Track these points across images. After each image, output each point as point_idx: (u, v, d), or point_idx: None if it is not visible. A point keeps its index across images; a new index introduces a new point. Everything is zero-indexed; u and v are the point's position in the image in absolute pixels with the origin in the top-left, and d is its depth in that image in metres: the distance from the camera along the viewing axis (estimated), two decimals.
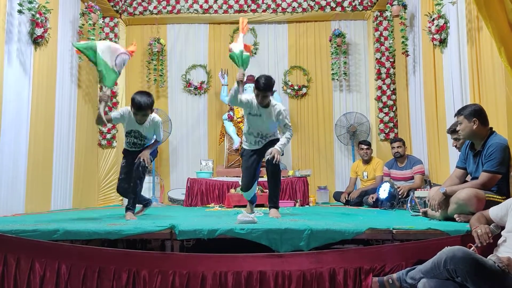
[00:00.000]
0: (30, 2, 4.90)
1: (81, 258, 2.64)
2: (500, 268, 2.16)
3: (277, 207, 4.10)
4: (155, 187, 7.03)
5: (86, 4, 6.52)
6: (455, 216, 3.20)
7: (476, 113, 3.31)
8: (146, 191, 7.04)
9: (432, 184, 5.01)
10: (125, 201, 6.98)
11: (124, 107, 4.09)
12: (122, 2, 7.43)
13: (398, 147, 5.77)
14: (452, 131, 4.08)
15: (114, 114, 4.00)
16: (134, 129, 3.96)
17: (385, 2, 6.69)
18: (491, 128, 3.39)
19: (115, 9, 7.32)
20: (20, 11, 4.83)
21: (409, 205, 4.35)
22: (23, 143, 5.03)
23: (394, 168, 5.86)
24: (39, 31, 5.17)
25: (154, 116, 3.98)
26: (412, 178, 5.66)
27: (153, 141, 4.07)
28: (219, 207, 5.85)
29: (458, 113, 3.42)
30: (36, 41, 5.24)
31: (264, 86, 3.87)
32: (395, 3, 6.30)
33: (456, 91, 4.86)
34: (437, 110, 5.47)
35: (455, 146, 4.17)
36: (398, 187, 5.33)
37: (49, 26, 5.37)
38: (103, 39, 7.26)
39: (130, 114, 3.89)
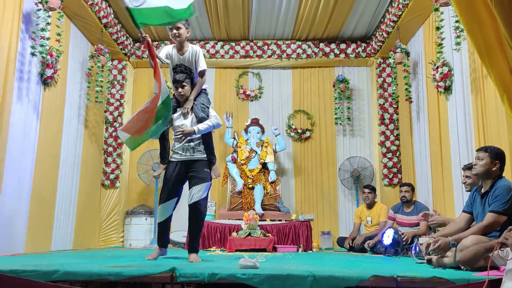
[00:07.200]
0: (42, 46, 5.05)
1: None
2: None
3: (196, 251, 3.87)
4: (156, 228, 6.95)
5: (95, 46, 6.69)
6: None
7: (501, 157, 3.39)
8: (147, 233, 7.00)
9: (436, 230, 4.94)
10: (126, 242, 6.97)
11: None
12: (131, 46, 7.62)
13: (405, 191, 5.69)
14: (468, 168, 4.10)
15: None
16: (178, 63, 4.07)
17: (388, 49, 6.84)
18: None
19: (123, 52, 7.51)
20: (33, 54, 4.97)
21: (413, 252, 4.27)
22: (27, 181, 5.04)
23: (400, 213, 5.78)
24: (49, 72, 5.29)
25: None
26: (417, 224, 5.57)
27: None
28: (220, 250, 5.77)
29: (483, 149, 3.45)
30: (46, 81, 5.35)
31: (184, 68, 3.94)
32: (398, 51, 6.43)
33: (461, 138, 4.89)
34: (441, 156, 5.47)
35: (464, 183, 4.17)
36: (402, 233, 5.26)
37: (59, 68, 5.50)
38: (111, 81, 7.44)
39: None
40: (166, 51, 4.15)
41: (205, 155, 3.95)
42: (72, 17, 6.17)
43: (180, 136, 3.89)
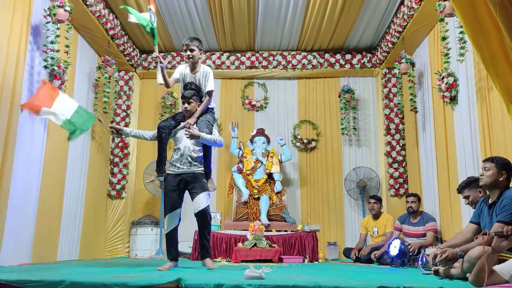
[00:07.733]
0: (52, 58, 5.10)
1: None
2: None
3: (210, 256, 4.19)
4: (162, 239, 6.96)
5: (102, 58, 6.75)
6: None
7: (508, 167, 3.39)
8: (152, 243, 6.99)
9: (443, 241, 4.92)
10: (132, 252, 6.97)
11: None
12: (137, 57, 7.69)
13: (412, 202, 5.66)
14: (462, 187, 4.10)
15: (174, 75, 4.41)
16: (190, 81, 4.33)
17: (393, 59, 6.85)
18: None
19: (130, 63, 7.57)
20: (45, 66, 5.05)
21: (420, 263, 4.25)
22: (33, 191, 5.06)
23: (406, 224, 5.75)
24: (56, 83, 5.32)
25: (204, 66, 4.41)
26: (424, 235, 5.54)
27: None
28: (226, 261, 5.75)
29: (490, 159, 3.45)
30: None
31: (195, 86, 4.21)
32: (403, 61, 6.44)
33: (467, 148, 4.87)
34: (448, 166, 5.45)
35: (467, 204, 4.16)
36: (409, 244, 5.23)
37: (66, 79, 5.54)
38: (118, 92, 7.50)
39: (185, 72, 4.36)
40: (180, 70, 4.43)
41: (201, 169, 4.14)
42: (79, 29, 6.24)
43: (187, 135, 4.05)
